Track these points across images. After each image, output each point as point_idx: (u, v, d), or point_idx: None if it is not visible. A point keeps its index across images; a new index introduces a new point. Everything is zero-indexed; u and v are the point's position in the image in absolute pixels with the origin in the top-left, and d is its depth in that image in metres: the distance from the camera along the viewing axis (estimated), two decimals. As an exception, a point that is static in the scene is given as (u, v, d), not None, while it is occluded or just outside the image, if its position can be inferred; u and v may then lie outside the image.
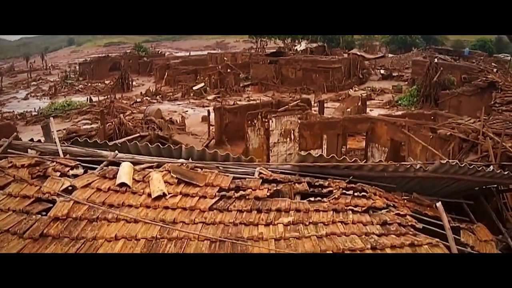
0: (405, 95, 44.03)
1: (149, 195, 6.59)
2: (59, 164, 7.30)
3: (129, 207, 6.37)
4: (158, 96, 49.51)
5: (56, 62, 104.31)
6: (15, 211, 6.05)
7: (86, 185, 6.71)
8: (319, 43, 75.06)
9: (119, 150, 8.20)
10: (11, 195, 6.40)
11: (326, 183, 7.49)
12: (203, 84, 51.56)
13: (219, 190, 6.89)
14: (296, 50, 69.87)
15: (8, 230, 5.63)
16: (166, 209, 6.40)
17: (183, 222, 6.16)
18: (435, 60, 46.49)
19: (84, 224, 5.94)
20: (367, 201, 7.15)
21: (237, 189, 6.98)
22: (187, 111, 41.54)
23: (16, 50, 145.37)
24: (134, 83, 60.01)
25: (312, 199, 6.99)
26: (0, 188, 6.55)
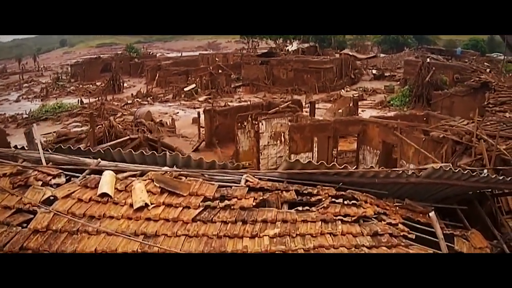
0: (397, 95, 43.99)
1: (131, 206, 6.45)
2: (41, 173, 7.21)
3: (110, 219, 6.26)
4: (149, 98, 49.38)
5: (48, 64, 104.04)
6: (-5, 222, 5.95)
7: (67, 195, 6.61)
8: (311, 43, 74.83)
9: (103, 157, 8.09)
10: (-9, 205, 6.28)
11: (315, 190, 7.26)
12: (194, 85, 51.40)
13: (204, 199, 6.70)
14: (288, 50, 69.68)
15: (-11, 243, 5.54)
16: (148, 220, 6.25)
17: (165, 235, 6.01)
18: (427, 60, 46.59)
19: (64, 237, 5.84)
20: (358, 209, 6.92)
21: (222, 198, 6.78)
22: (177, 112, 41.43)
23: (9, 51, 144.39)
24: (125, 85, 59.87)
25: (300, 208, 6.78)
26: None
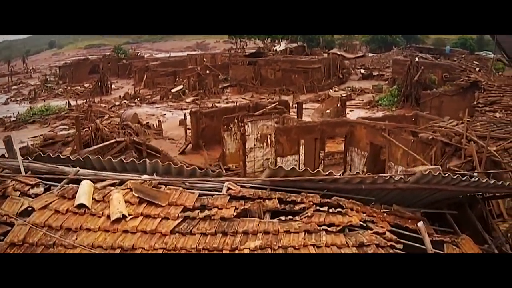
0: (385, 95, 43.88)
1: (108, 217, 6.26)
2: (19, 182, 7.07)
3: (87, 231, 6.11)
4: (137, 99, 49.14)
5: (37, 65, 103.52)
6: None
7: (44, 206, 6.45)
8: (299, 43, 74.66)
9: (82, 165, 7.89)
10: (-31, 218, 6.14)
11: (299, 198, 7.02)
12: (181, 86, 51.19)
13: (183, 209, 6.48)
14: (276, 50, 69.57)
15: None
16: (125, 233, 6.07)
17: (143, 248, 5.81)
18: (416, 59, 46.62)
19: (41, 250, 5.75)
20: (343, 218, 6.69)
21: (202, 208, 6.54)
22: (165, 114, 41.36)
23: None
24: (113, 86, 59.70)
25: (283, 218, 6.54)
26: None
